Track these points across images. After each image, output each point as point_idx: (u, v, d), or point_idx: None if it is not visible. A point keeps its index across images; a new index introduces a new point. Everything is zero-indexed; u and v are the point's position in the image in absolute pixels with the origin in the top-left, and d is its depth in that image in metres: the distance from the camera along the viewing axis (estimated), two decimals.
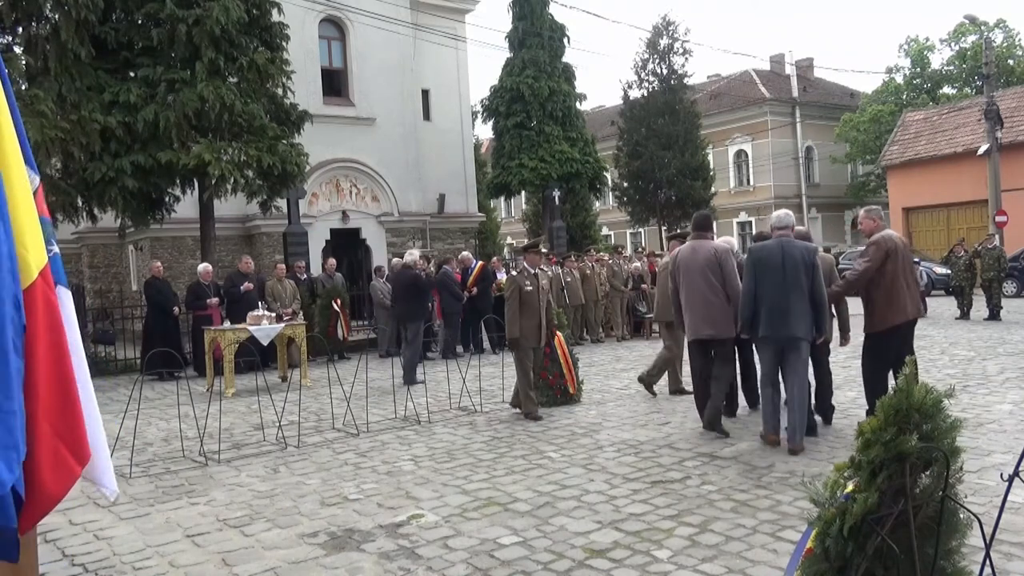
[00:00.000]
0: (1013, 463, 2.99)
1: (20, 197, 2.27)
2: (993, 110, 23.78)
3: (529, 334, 7.71)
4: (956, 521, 2.41)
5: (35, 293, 2.26)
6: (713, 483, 5.19)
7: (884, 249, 6.20)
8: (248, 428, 7.96)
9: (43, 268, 2.31)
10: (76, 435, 2.30)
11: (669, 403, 8.22)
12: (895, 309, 6.17)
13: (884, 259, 6.17)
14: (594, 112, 42.77)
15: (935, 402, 2.38)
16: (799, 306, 5.84)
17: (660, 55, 30.77)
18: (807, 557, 2.45)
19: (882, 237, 6.31)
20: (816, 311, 5.90)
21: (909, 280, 6.26)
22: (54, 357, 2.27)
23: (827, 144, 37.41)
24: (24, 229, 2.26)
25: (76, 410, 2.31)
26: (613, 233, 41.93)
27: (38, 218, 2.38)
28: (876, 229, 6.44)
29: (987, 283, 15.76)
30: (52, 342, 2.27)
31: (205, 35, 12.61)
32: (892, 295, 6.17)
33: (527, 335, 7.70)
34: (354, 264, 19.82)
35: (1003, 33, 34.61)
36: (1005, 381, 8.49)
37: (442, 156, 22.44)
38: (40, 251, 2.31)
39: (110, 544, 4.61)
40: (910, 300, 6.23)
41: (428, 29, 21.34)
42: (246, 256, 14.37)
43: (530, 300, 7.70)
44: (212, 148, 12.62)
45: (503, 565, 3.96)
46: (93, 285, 20.91)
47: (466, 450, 6.51)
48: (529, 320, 7.69)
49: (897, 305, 6.16)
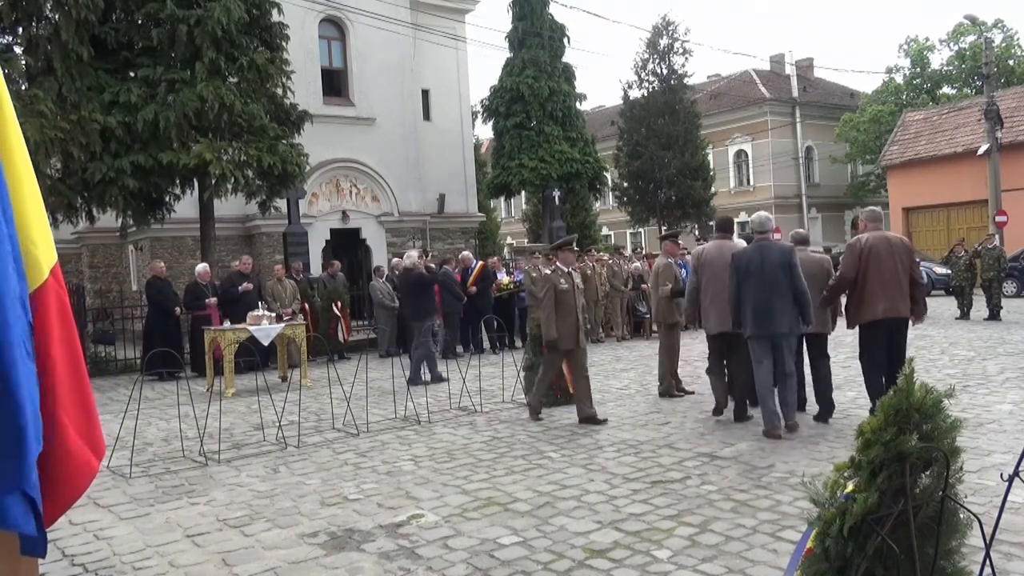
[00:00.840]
0: (1013, 463, 2.99)
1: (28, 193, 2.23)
2: (993, 110, 23.78)
3: (566, 335, 7.47)
4: (956, 521, 2.41)
5: (47, 292, 2.23)
6: (713, 483, 5.19)
7: (856, 253, 6.52)
8: (248, 428, 7.96)
9: (54, 266, 2.29)
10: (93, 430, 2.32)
11: (669, 403, 8.22)
12: (865, 308, 6.47)
13: (857, 263, 6.47)
14: (594, 112, 42.76)
15: (935, 402, 2.38)
16: (780, 304, 6.31)
17: (660, 55, 30.76)
18: (807, 557, 2.45)
19: (856, 240, 6.66)
20: (799, 305, 6.35)
21: (887, 280, 6.40)
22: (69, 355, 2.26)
23: (827, 144, 37.40)
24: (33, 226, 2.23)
25: (91, 406, 2.33)
26: (613, 233, 41.92)
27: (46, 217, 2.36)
28: (865, 232, 6.67)
29: (987, 283, 15.76)
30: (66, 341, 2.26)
31: (206, 35, 12.61)
32: (863, 295, 6.47)
33: (564, 336, 7.45)
34: (354, 264, 19.82)
35: (1001, 33, 34.62)
36: (1005, 381, 8.49)
37: (442, 156, 22.44)
38: (50, 249, 2.28)
39: (110, 544, 4.61)
40: (883, 300, 6.39)
41: (428, 29, 21.34)
42: (245, 256, 14.38)
43: (566, 299, 7.49)
44: (212, 148, 12.63)
45: (503, 565, 3.96)
46: (93, 285, 20.90)
47: (466, 450, 6.51)
48: (565, 320, 7.47)
49: (867, 304, 6.44)
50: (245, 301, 11.91)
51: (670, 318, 8.65)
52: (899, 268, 6.45)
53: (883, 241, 6.53)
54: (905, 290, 6.46)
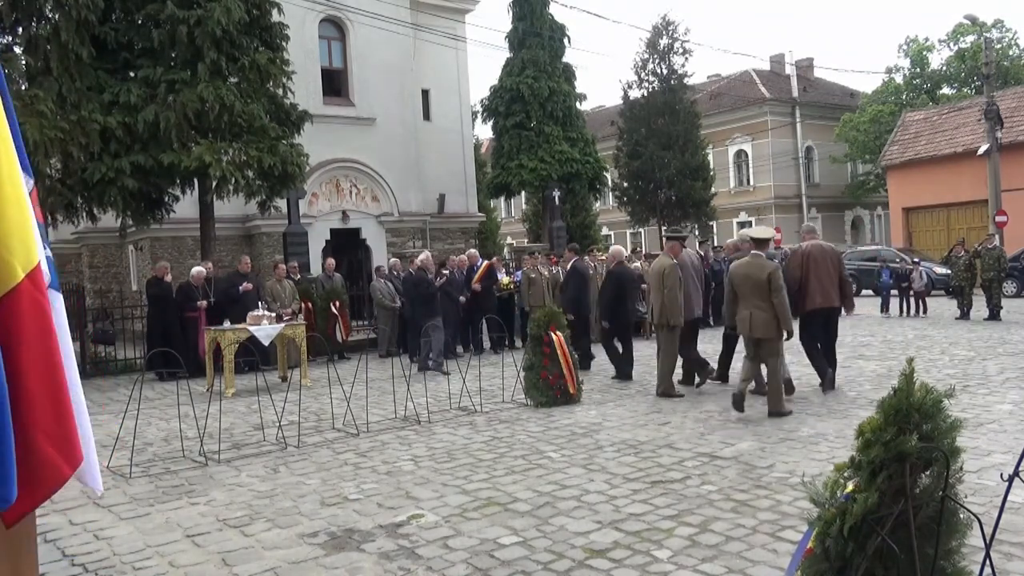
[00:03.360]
0: (1013, 463, 2.99)
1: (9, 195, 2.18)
2: (993, 110, 23.78)
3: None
4: (956, 521, 2.41)
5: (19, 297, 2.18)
6: (713, 483, 5.19)
7: (799, 259, 8.62)
8: (248, 428, 7.96)
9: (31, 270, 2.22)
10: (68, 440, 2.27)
11: (669, 403, 8.22)
12: (807, 300, 8.48)
13: (799, 266, 8.53)
14: (594, 112, 42.74)
15: (935, 402, 2.38)
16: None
17: (660, 55, 30.74)
18: (807, 557, 2.46)
19: (799, 248, 8.92)
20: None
21: (823, 278, 8.42)
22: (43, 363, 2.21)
23: (827, 144, 37.41)
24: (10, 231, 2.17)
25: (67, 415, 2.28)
26: (613, 233, 41.91)
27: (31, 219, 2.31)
28: (805, 241, 8.89)
29: (987, 283, 15.75)
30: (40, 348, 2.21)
31: (206, 36, 12.61)
32: (805, 291, 8.45)
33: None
34: (354, 264, 19.82)
35: (1000, 33, 34.63)
36: (1005, 381, 8.49)
37: (442, 156, 22.44)
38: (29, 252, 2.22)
39: (110, 544, 4.61)
40: (820, 294, 8.43)
41: (428, 29, 21.34)
42: (245, 256, 14.37)
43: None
44: (212, 149, 12.62)
45: (503, 565, 3.96)
46: (93, 285, 20.89)
47: (466, 450, 6.51)
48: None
49: (808, 297, 8.46)
50: (244, 302, 11.91)
51: (673, 320, 8.64)
52: (831, 269, 8.45)
53: (819, 248, 8.60)
54: (836, 286, 8.45)
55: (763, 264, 7.44)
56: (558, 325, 8.46)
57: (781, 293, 7.30)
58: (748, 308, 7.39)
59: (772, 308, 7.28)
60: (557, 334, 8.37)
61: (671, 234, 9.38)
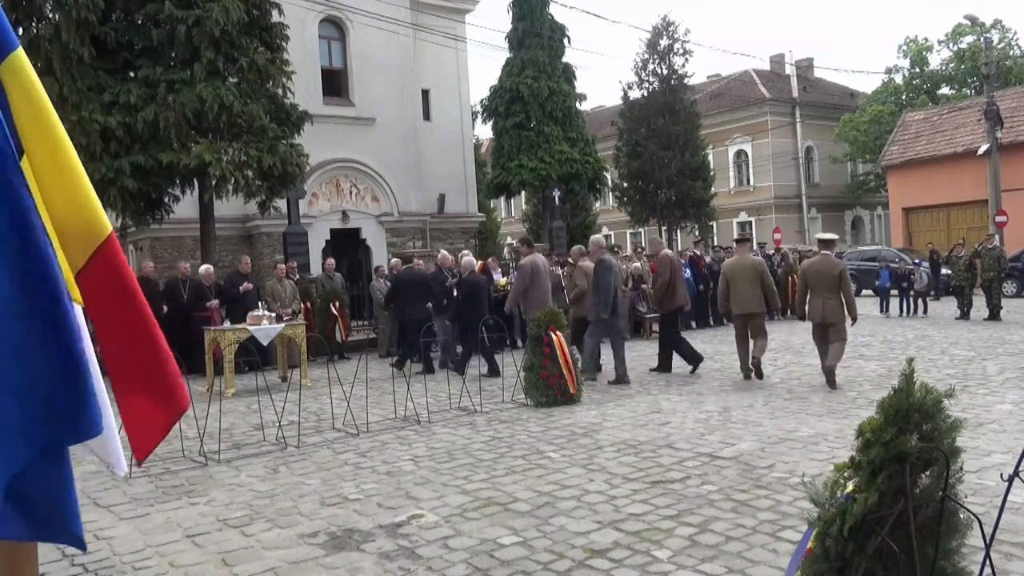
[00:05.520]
0: (1013, 463, 2.99)
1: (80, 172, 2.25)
2: (993, 110, 23.78)
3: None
4: (956, 521, 2.41)
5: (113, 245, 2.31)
6: (713, 483, 5.19)
7: (667, 265, 10.40)
8: (248, 428, 7.96)
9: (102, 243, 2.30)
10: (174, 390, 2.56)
11: (669, 403, 8.23)
12: (674, 299, 10.39)
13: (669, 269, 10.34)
14: (594, 112, 42.75)
15: (935, 402, 2.38)
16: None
17: (660, 55, 30.74)
18: (807, 557, 2.46)
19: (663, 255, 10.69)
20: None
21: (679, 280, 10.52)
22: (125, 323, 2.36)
23: (827, 144, 37.41)
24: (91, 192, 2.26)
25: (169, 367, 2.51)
26: (613, 233, 41.90)
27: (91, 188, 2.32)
28: (660, 249, 11.06)
29: (987, 283, 15.76)
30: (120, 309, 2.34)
31: (205, 36, 12.61)
32: (672, 292, 10.35)
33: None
34: (354, 264, 19.82)
35: (999, 34, 34.63)
36: (1005, 381, 8.49)
37: (442, 156, 22.44)
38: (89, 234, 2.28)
39: (110, 544, 4.61)
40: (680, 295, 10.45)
41: (428, 29, 21.34)
42: (245, 256, 14.36)
43: None
44: (212, 149, 12.62)
45: (503, 565, 3.96)
46: None
47: (466, 450, 6.51)
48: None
49: (675, 297, 10.38)
50: (244, 302, 11.90)
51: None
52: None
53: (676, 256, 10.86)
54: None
55: (834, 262, 8.80)
56: (558, 325, 8.47)
57: (848, 286, 8.65)
58: (820, 298, 8.69)
59: (839, 298, 8.58)
60: (557, 334, 8.37)
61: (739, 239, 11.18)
